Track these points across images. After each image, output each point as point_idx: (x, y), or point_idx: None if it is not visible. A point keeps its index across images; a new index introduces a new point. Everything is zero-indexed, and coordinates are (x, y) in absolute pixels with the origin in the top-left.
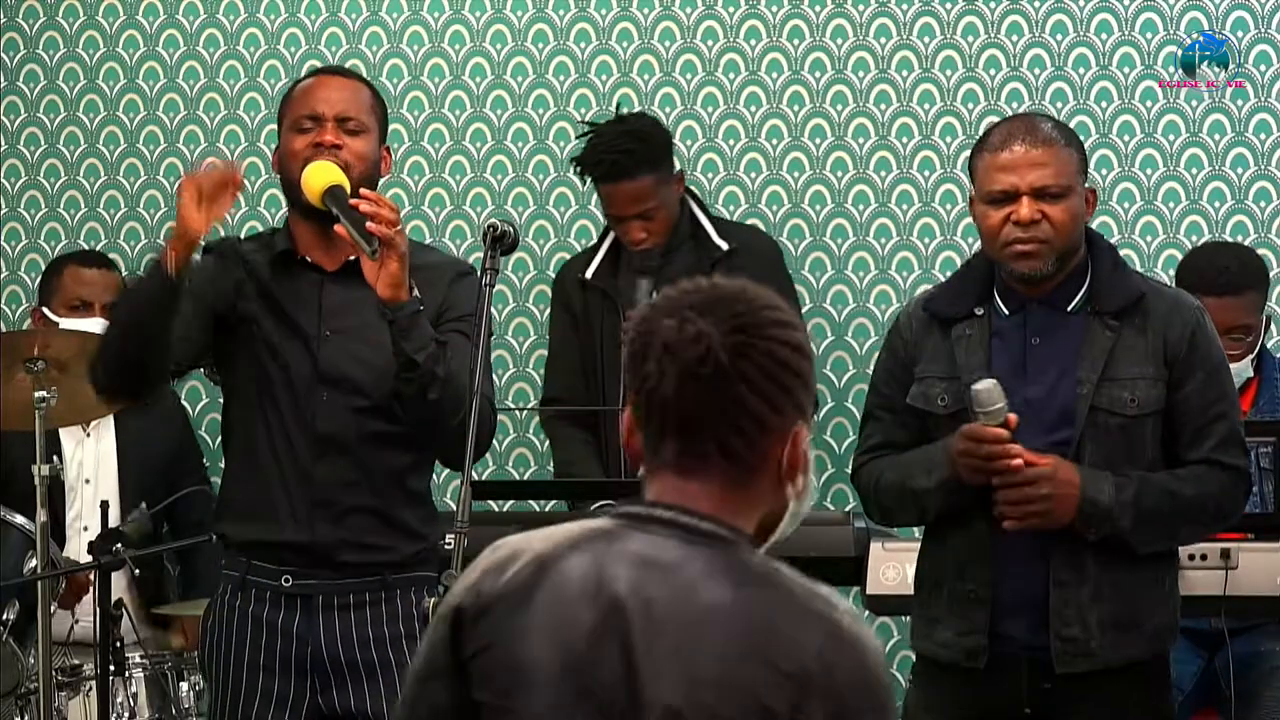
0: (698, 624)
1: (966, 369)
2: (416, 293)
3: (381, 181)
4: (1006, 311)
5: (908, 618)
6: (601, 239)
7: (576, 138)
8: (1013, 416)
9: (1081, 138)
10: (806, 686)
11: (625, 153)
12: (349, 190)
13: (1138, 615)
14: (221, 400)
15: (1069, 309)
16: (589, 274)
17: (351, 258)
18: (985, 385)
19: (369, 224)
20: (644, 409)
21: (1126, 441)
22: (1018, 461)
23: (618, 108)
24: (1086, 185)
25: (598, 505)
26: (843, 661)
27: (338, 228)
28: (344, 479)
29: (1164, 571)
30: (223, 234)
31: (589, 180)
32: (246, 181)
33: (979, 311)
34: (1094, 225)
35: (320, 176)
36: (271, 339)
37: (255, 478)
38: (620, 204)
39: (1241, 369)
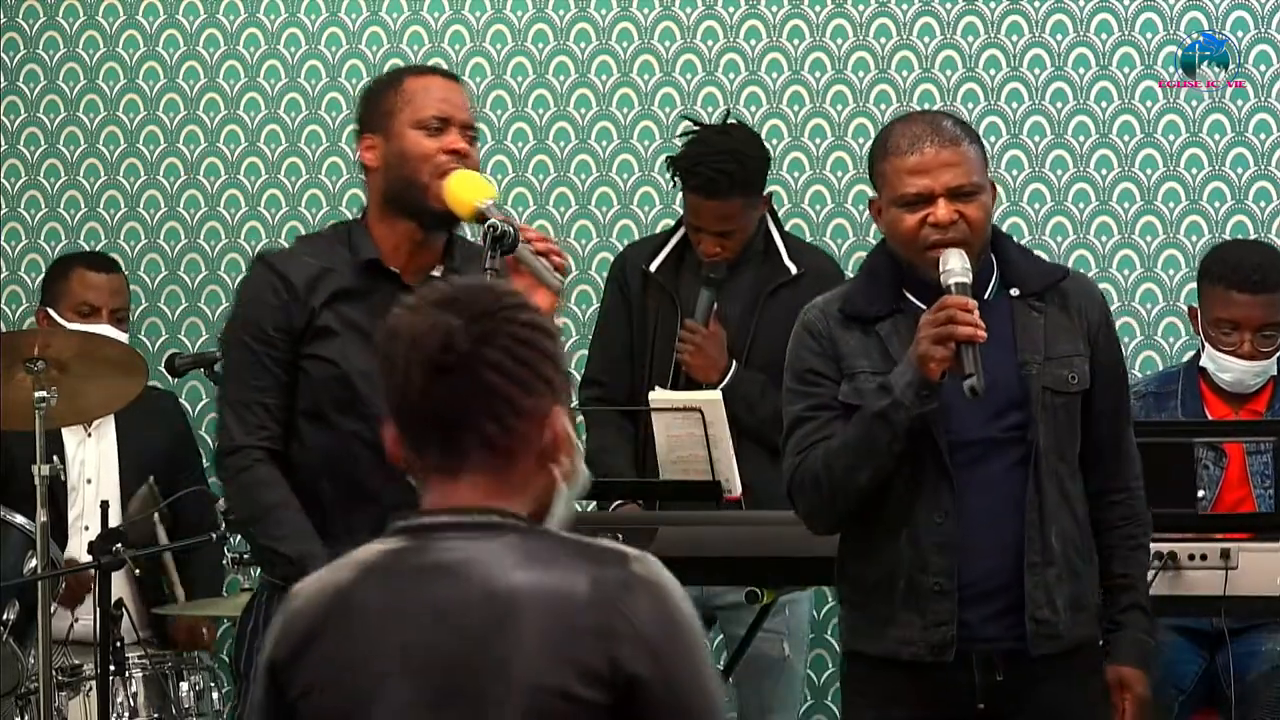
0: (506, 612)
1: (901, 360)
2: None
3: None
4: (924, 306)
5: None
6: (671, 232)
7: (679, 135)
8: (974, 303)
9: (1081, 138)
10: (613, 638)
11: (724, 173)
12: (493, 201)
13: (1086, 596)
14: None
15: (986, 297)
16: (653, 267)
17: (436, 272)
18: (955, 253)
19: (554, 259)
20: (401, 413)
21: (1068, 419)
22: (982, 333)
23: (726, 115)
24: (989, 178)
25: (617, 505)
26: (641, 605)
27: (516, 268)
28: (410, 501)
29: (1094, 558)
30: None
31: (677, 182)
32: (246, 181)
33: (900, 307)
34: (1095, 225)
35: (473, 190)
36: (349, 354)
37: (312, 496)
38: (704, 218)
39: (1268, 367)
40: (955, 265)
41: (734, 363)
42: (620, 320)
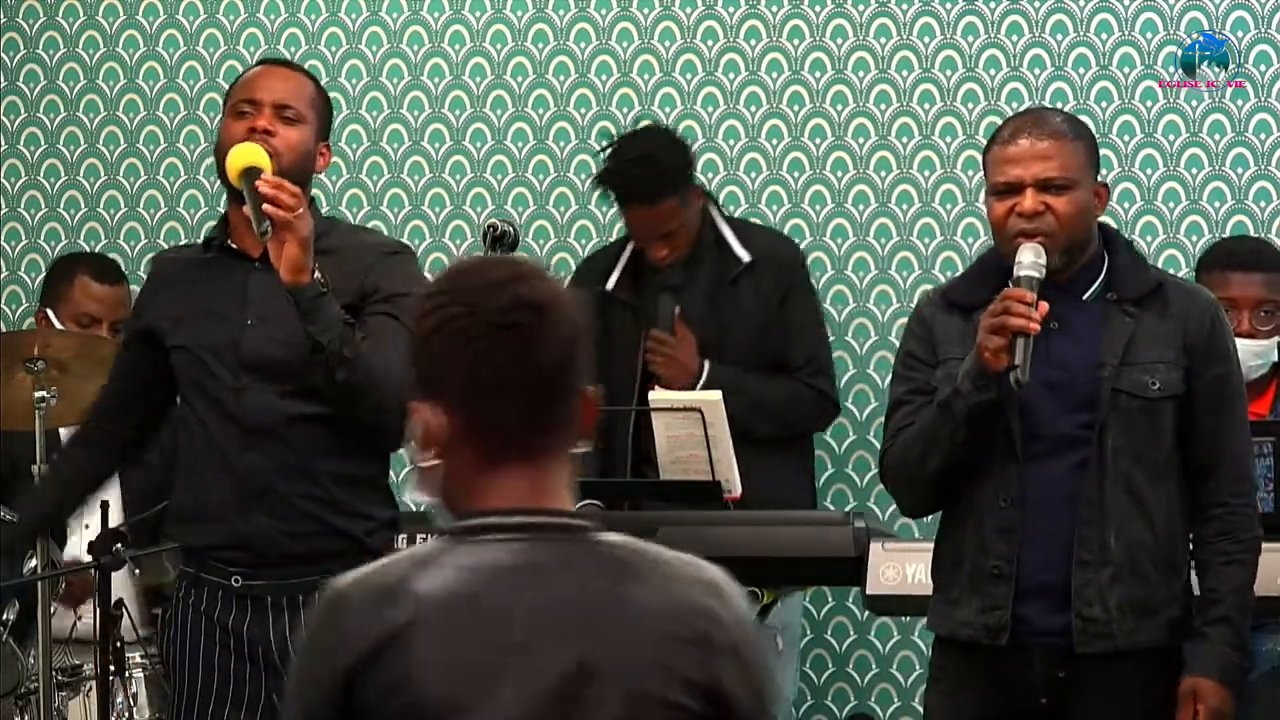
0: (593, 620)
1: None
2: (318, 275)
3: (382, 181)
4: None
5: (908, 618)
6: (619, 248)
7: (596, 153)
8: (1044, 305)
9: None
10: (710, 647)
11: (646, 179)
12: (269, 173)
13: (1154, 603)
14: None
15: (1084, 298)
16: (610, 286)
17: None
18: (1030, 248)
19: (265, 206)
20: (487, 389)
21: (1148, 424)
22: (1035, 325)
23: (635, 123)
24: (1098, 180)
25: (583, 504)
26: (729, 616)
27: (244, 208)
28: (275, 465)
29: (1181, 567)
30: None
31: (607, 199)
32: None
33: (998, 297)
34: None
35: (241, 157)
36: (197, 335)
37: (192, 475)
38: (643, 226)
39: (1269, 348)
40: (1026, 258)
41: (705, 363)
42: None
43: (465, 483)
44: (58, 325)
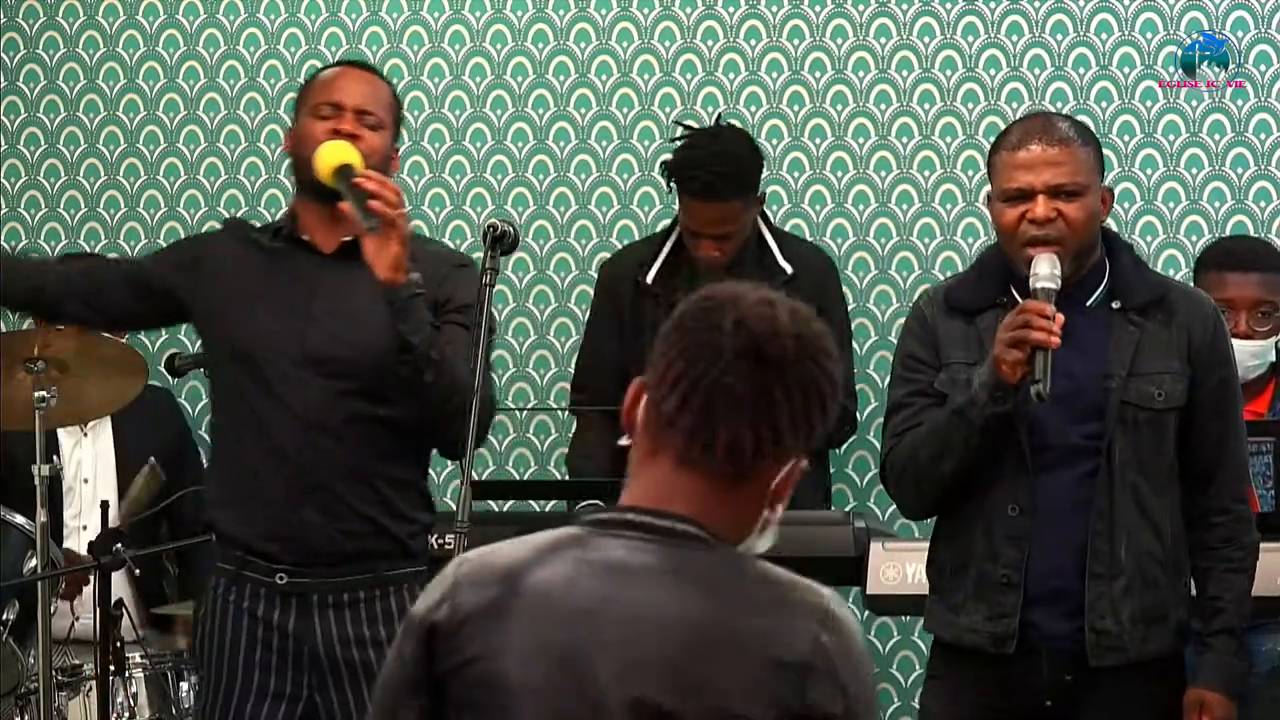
0: (688, 629)
1: None
2: (415, 276)
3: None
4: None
5: (908, 617)
6: (662, 240)
7: (672, 139)
8: (1060, 317)
9: None
10: (809, 674)
11: (721, 175)
12: (360, 172)
13: (1163, 611)
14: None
15: (1088, 304)
16: (649, 278)
17: (347, 238)
18: (1045, 258)
19: (371, 202)
20: (688, 377)
21: (1153, 435)
22: (1055, 339)
23: (718, 118)
24: (1103, 185)
25: (584, 504)
26: (837, 644)
27: (343, 205)
28: (330, 463)
29: (1184, 571)
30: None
31: (674, 187)
32: (245, 181)
33: (1002, 300)
34: None
35: (335, 155)
36: (261, 320)
37: (242, 463)
38: (703, 222)
39: (1266, 348)
40: (1044, 270)
41: None
42: (609, 330)
43: (633, 477)
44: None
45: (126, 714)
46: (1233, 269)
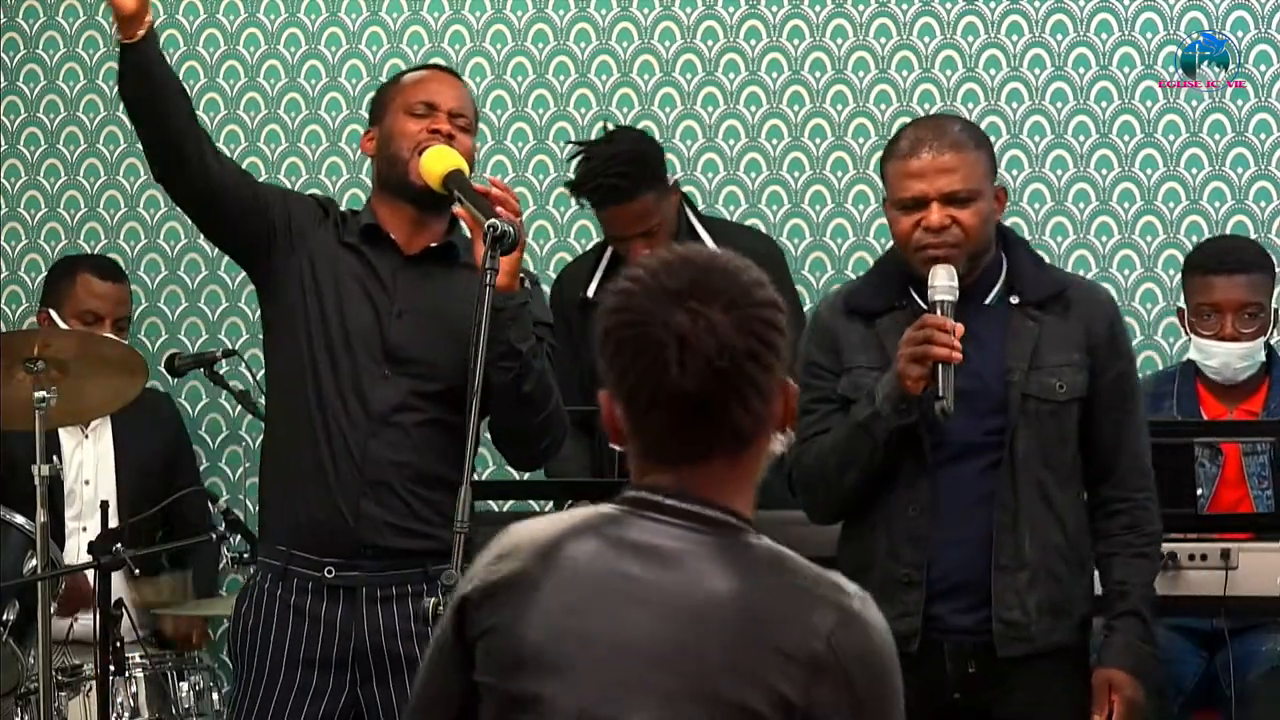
0: (702, 612)
1: (896, 356)
2: (527, 284)
3: None
4: (925, 306)
5: None
6: (599, 254)
7: (566, 158)
8: (960, 328)
9: (1081, 138)
10: (817, 670)
11: (621, 175)
12: (469, 176)
13: (1068, 604)
14: (264, 363)
15: (986, 302)
16: (590, 292)
17: (434, 245)
18: (943, 270)
19: (499, 209)
20: (648, 399)
21: (1056, 427)
22: (957, 354)
23: (605, 126)
24: (996, 184)
25: (570, 505)
26: (852, 644)
27: (459, 210)
28: (395, 459)
29: (1088, 566)
30: None
31: (586, 204)
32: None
33: (902, 304)
34: (1095, 225)
35: (443, 160)
36: (342, 306)
37: (302, 451)
38: (622, 225)
39: (1254, 349)
40: (941, 283)
41: None
42: (563, 352)
43: (637, 469)
44: (61, 324)
45: (126, 714)
46: (1217, 272)
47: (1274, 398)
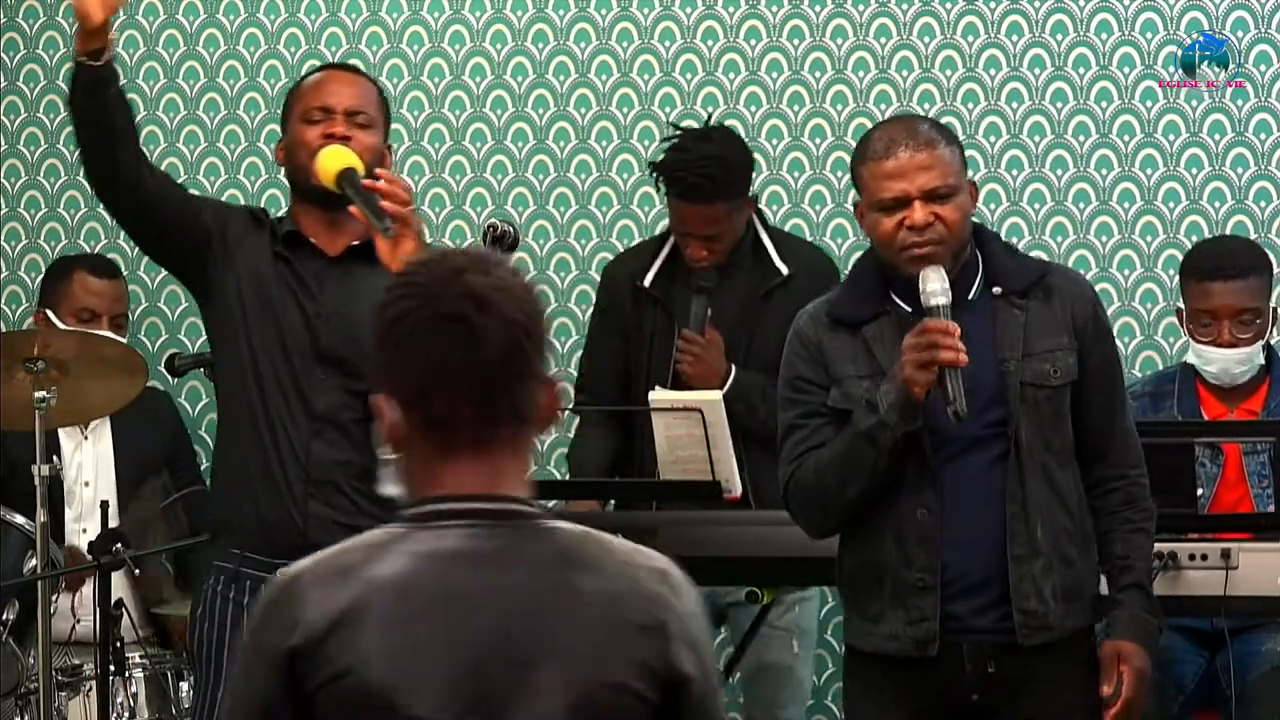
0: (547, 603)
1: (887, 364)
2: None
3: None
4: (909, 309)
5: None
6: (659, 244)
7: (661, 140)
8: (957, 328)
9: (1081, 138)
10: (666, 634)
11: (707, 177)
12: (362, 173)
13: (1080, 586)
14: (215, 381)
15: (969, 298)
16: (647, 282)
17: (355, 243)
18: (934, 273)
19: (383, 202)
20: (436, 374)
21: (1053, 411)
22: (963, 357)
23: (709, 119)
24: (969, 179)
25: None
26: (682, 603)
27: (352, 208)
28: (339, 458)
29: (1092, 545)
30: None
31: (663, 188)
32: (246, 181)
33: (885, 311)
34: (1095, 225)
35: (335, 160)
36: (276, 312)
37: (249, 456)
38: (689, 223)
39: (1252, 354)
40: (935, 286)
41: (733, 367)
42: (610, 333)
43: (423, 473)
44: (58, 323)
45: (126, 714)
46: (1214, 278)
47: (1274, 398)
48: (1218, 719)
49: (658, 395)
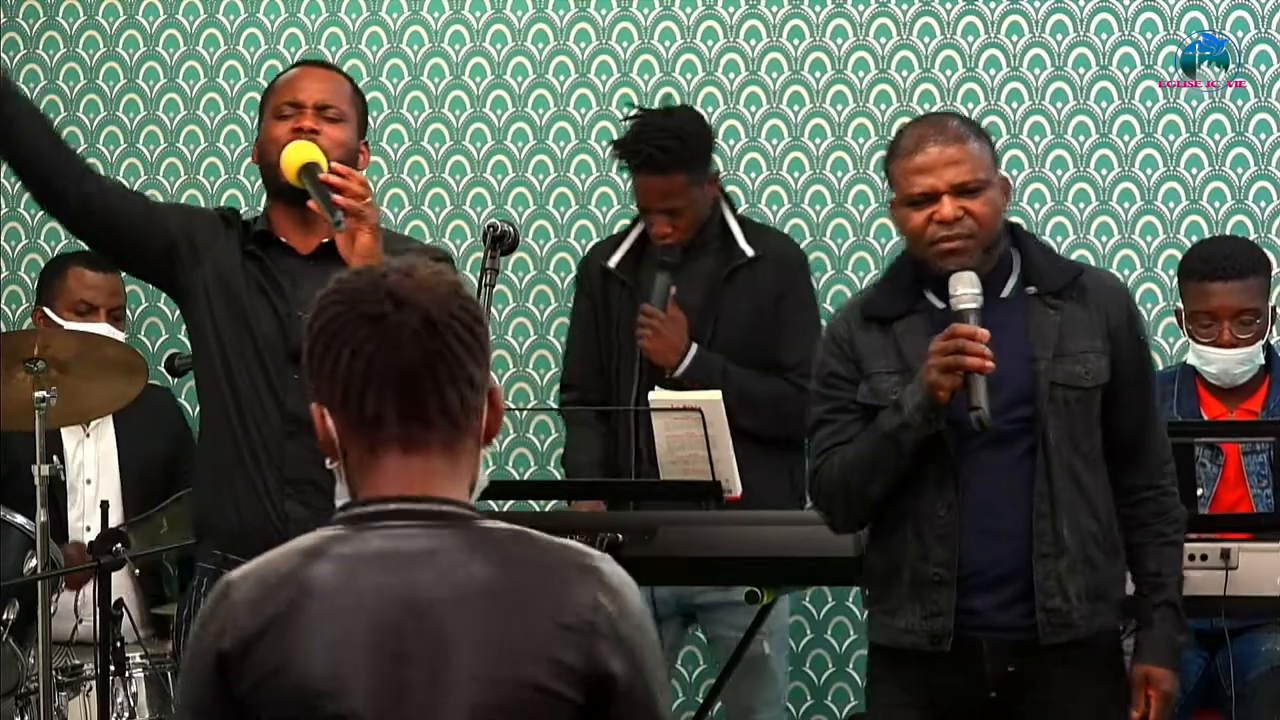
0: (471, 603)
1: (915, 360)
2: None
3: (381, 181)
4: (942, 305)
5: None
6: (630, 228)
7: (623, 119)
8: (986, 333)
9: (1081, 138)
10: (593, 634)
11: (662, 148)
12: (325, 169)
13: (1105, 589)
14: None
15: (1003, 295)
16: (612, 263)
17: (326, 240)
18: (965, 278)
19: (336, 197)
20: (361, 374)
21: (1083, 413)
22: (989, 363)
23: (665, 100)
24: (1000, 174)
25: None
26: (614, 603)
27: (310, 203)
28: (314, 459)
29: (1120, 549)
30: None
31: (624, 167)
32: (245, 181)
33: (918, 307)
34: (1095, 225)
35: (297, 154)
36: (246, 313)
37: (227, 457)
38: (649, 196)
39: (1252, 354)
40: (966, 291)
41: (694, 345)
42: (589, 323)
43: (358, 476)
44: (56, 319)
45: (126, 714)
46: (1212, 279)
47: (1274, 397)
48: (1218, 718)
49: (658, 395)
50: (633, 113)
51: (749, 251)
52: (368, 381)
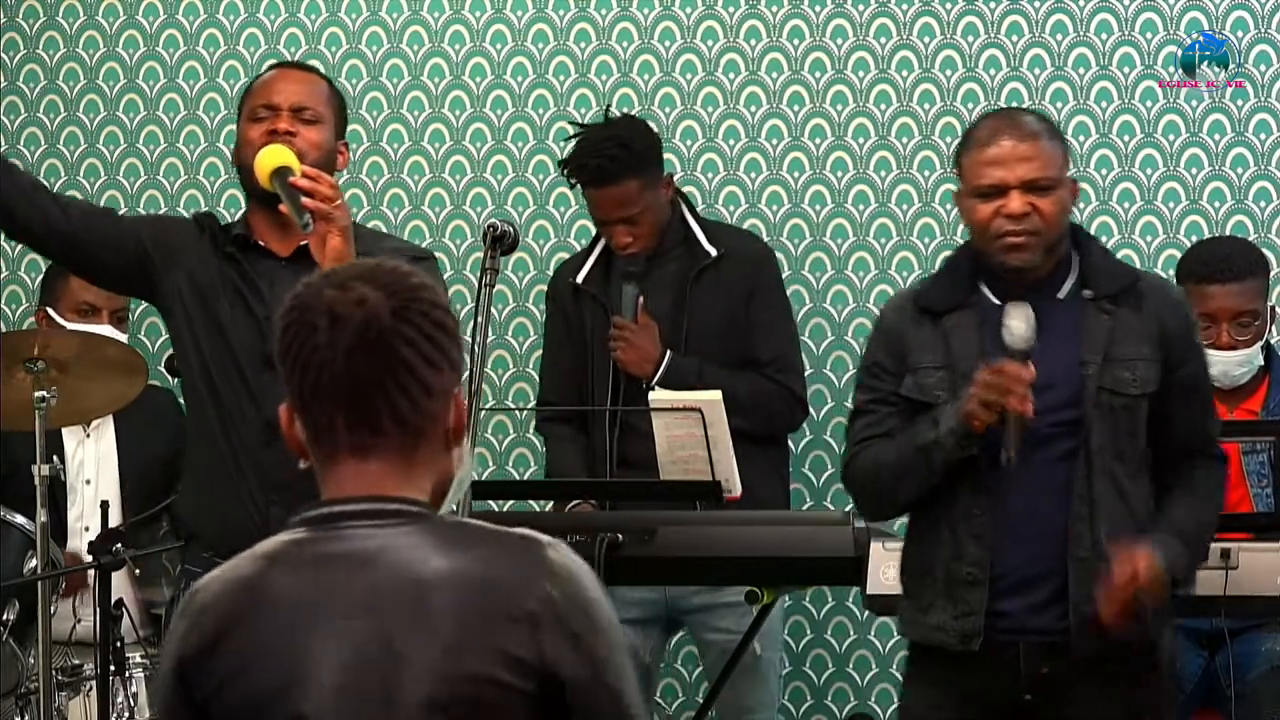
0: (421, 599)
1: (962, 357)
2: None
3: (382, 181)
4: (997, 301)
5: None
6: (594, 243)
7: (567, 138)
8: (1031, 372)
9: (1081, 138)
10: (538, 624)
11: (609, 158)
12: (298, 172)
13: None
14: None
15: (1059, 296)
16: (580, 279)
17: (304, 243)
18: (1019, 311)
19: (305, 200)
20: (311, 385)
21: (1128, 420)
22: (1030, 408)
23: (606, 110)
24: (1069, 177)
25: (573, 505)
26: (560, 591)
27: (281, 206)
28: (294, 464)
29: None
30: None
31: (575, 185)
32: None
33: (970, 301)
34: (1095, 225)
35: (271, 158)
36: (223, 319)
37: (211, 462)
38: (604, 208)
39: (1251, 355)
40: (1019, 328)
41: (668, 352)
42: (562, 341)
43: (321, 478)
44: (59, 320)
45: (126, 714)
46: (1211, 280)
47: (1273, 397)
48: (1218, 718)
49: (658, 395)
50: (573, 132)
51: (712, 251)
52: (315, 392)
